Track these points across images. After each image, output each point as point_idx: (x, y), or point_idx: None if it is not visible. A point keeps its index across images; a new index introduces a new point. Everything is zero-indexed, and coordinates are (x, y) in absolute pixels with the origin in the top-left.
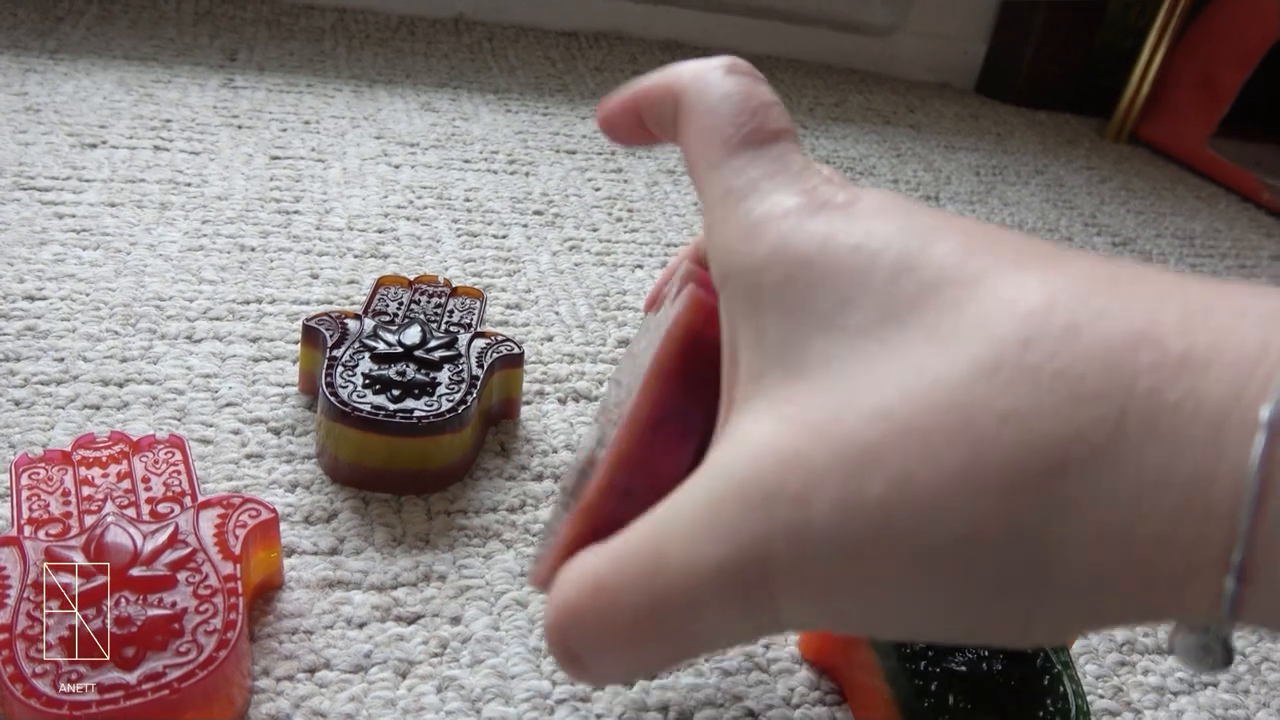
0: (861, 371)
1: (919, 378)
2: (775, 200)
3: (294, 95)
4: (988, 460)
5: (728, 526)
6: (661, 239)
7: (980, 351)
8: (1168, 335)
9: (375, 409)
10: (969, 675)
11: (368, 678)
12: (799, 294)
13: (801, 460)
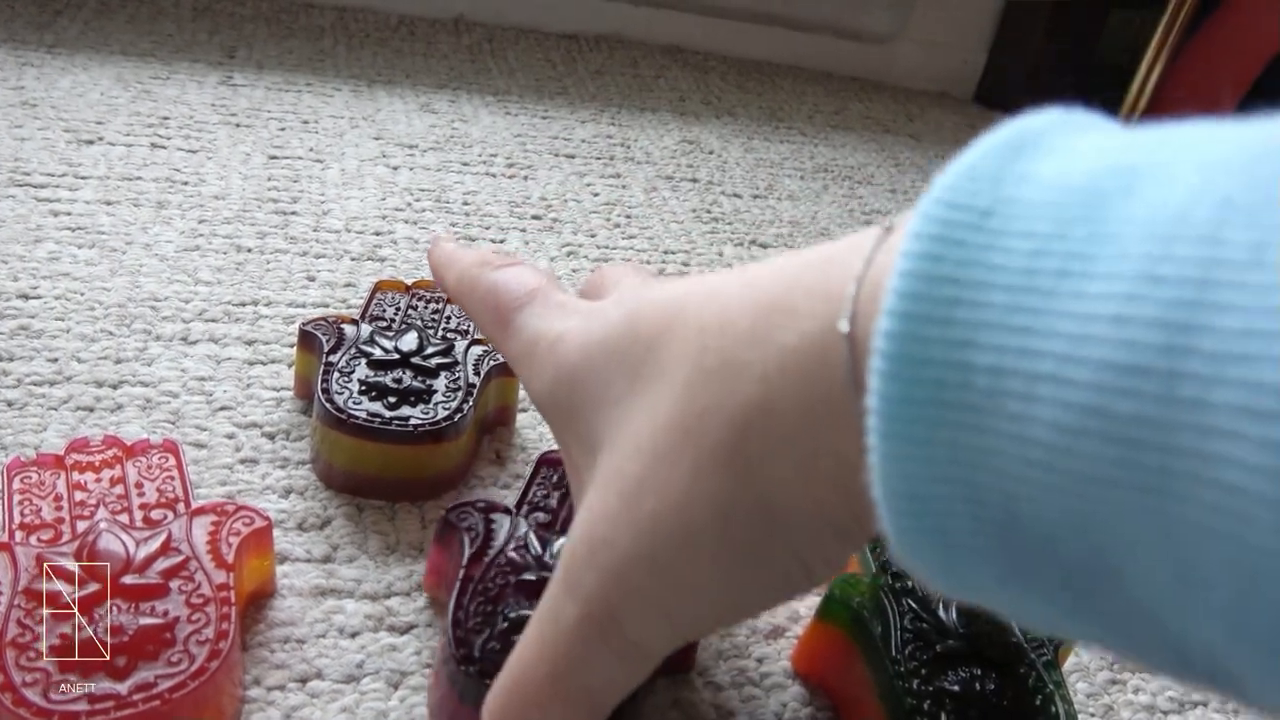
0: (625, 426)
1: (653, 412)
2: (541, 333)
3: (293, 94)
4: (703, 450)
5: (575, 586)
6: (659, 246)
7: (679, 375)
8: (785, 301)
9: (371, 416)
10: (961, 694)
11: (359, 688)
12: (578, 397)
13: (603, 512)
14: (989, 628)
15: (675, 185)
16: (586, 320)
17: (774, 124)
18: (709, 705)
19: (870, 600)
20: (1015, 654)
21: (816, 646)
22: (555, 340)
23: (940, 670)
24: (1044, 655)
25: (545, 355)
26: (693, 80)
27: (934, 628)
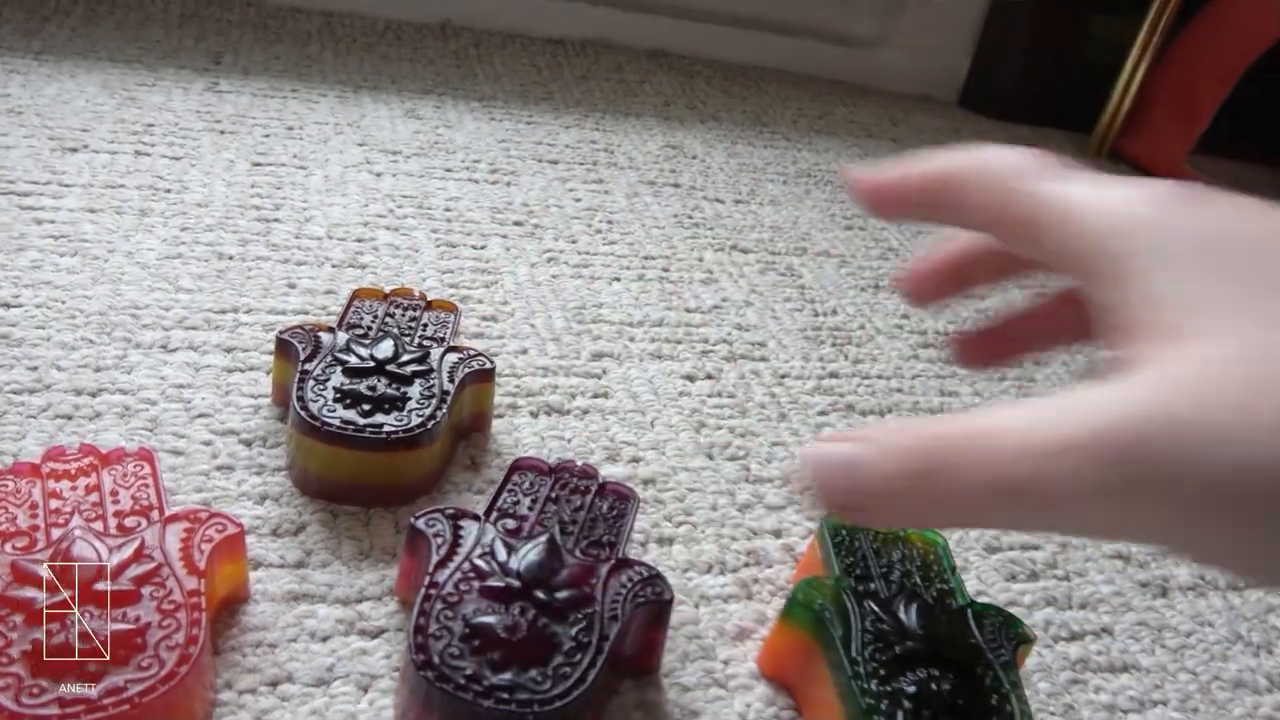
0: (1270, 325)
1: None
2: (1137, 189)
3: (278, 100)
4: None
5: (1126, 406)
6: (640, 251)
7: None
8: None
9: (345, 423)
10: (918, 694)
11: (329, 691)
12: (1192, 259)
13: (1212, 378)
14: (949, 630)
15: (658, 190)
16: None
17: (758, 128)
18: (674, 705)
19: (833, 602)
20: (974, 655)
21: (780, 648)
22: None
23: (899, 671)
24: (1002, 656)
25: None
26: (678, 85)
27: (894, 629)
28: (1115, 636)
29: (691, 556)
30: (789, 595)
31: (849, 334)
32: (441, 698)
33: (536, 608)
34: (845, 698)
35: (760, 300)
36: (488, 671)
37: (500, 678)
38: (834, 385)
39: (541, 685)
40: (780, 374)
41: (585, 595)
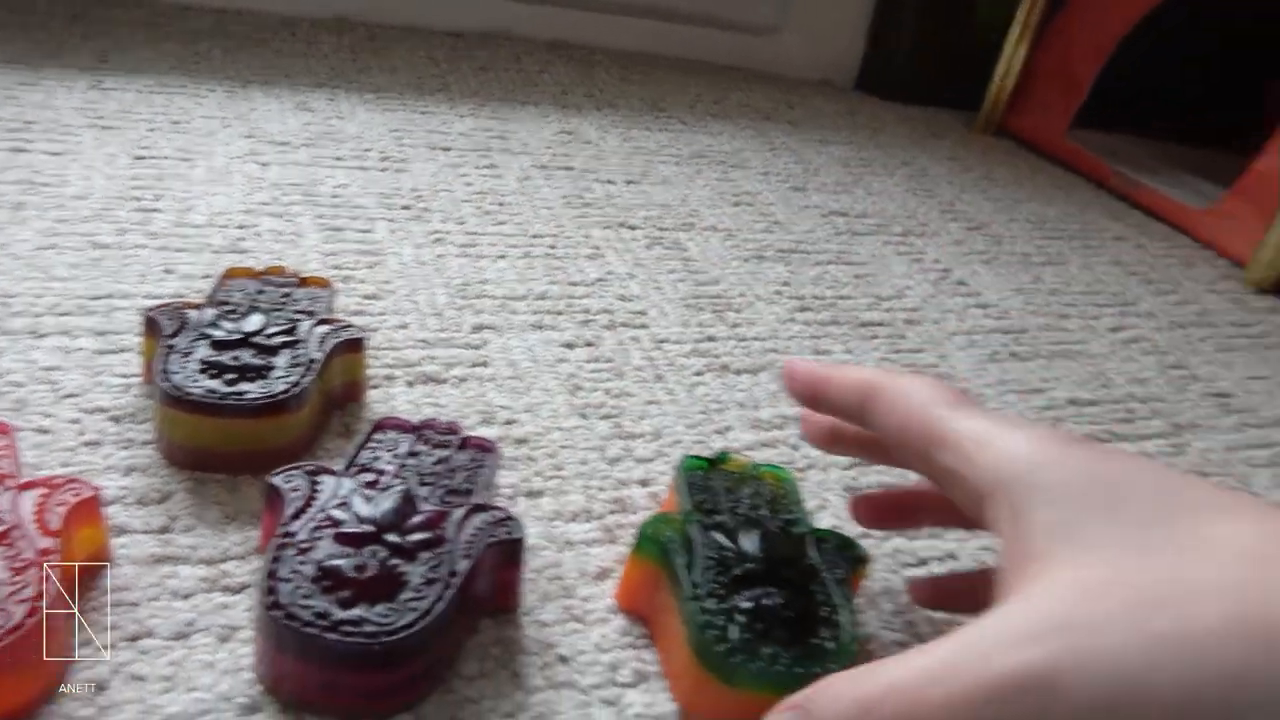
0: (1144, 549)
1: (1193, 558)
2: (1030, 432)
3: (164, 96)
4: (1252, 614)
5: (1026, 644)
6: (528, 231)
7: (1241, 548)
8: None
9: (208, 392)
10: (752, 609)
11: (189, 643)
12: (1082, 495)
13: (1097, 599)
14: (787, 553)
15: (549, 174)
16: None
17: (654, 114)
18: (532, 640)
19: (679, 535)
20: (809, 574)
21: (632, 580)
22: (1045, 440)
23: (736, 590)
24: (837, 574)
25: (1027, 449)
26: (576, 74)
27: (735, 554)
28: (959, 560)
29: (559, 506)
30: (638, 530)
31: (729, 301)
32: (291, 636)
33: (388, 550)
34: (686, 620)
35: (644, 273)
36: (336, 609)
37: (348, 613)
38: (711, 348)
39: (388, 619)
40: (659, 339)
41: (437, 537)
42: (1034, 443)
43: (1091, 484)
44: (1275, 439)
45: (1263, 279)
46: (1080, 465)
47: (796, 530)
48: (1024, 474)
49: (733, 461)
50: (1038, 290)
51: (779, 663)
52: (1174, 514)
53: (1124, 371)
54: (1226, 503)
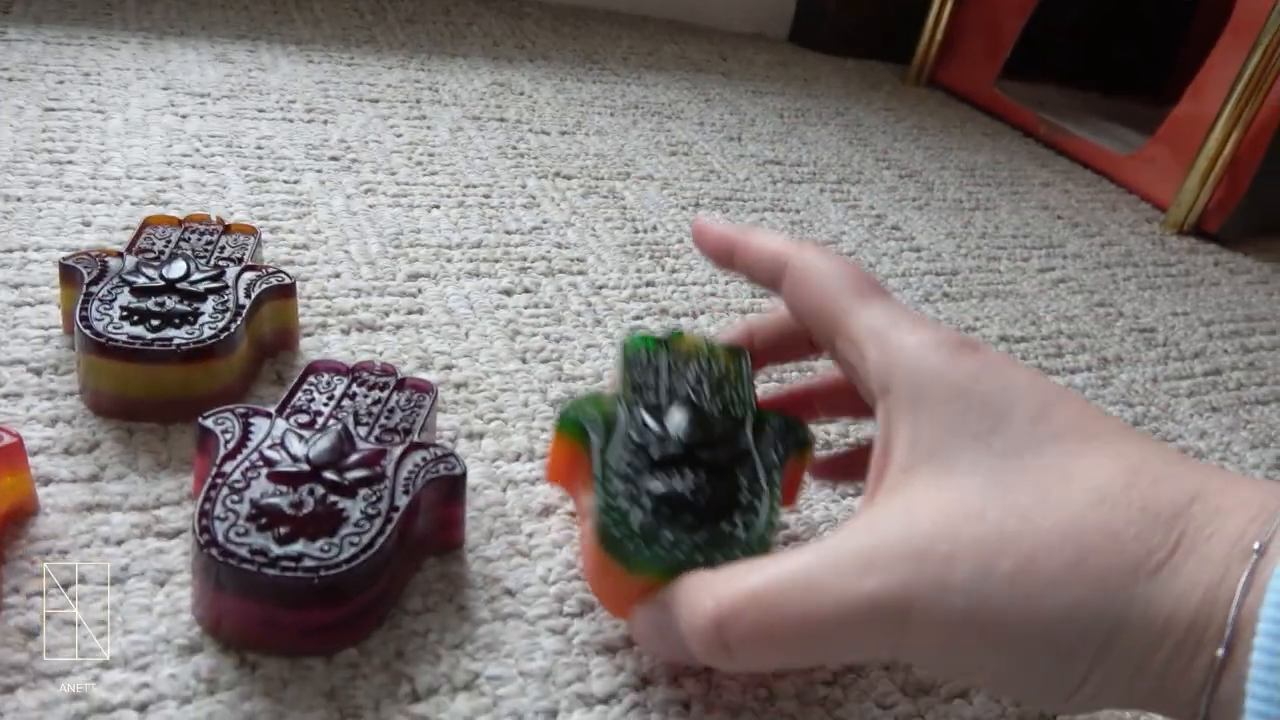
0: (1003, 482)
1: (1048, 496)
2: (923, 335)
3: (74, 48)
4: (1091, 560)
5: (883, 569)
6: (461, 181)
7: (1096, 485)
8: (1209, 495)
9: (132, 338)
10: (663, 494)
11: (124, 588)
12: (953, 413)
13: (952, 532)
14: (717, 435)
15: (482, 125)
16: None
17: (587, 66)
18: (476, 575)
19: (603, 414)
20: (736, 458)
21: (555, 458)
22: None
23: (650, 472)
24: (770, 458)
25: (925, 350)
26: (506, 26)
27: (657, 436)
28: None
29: (501, 448)
30: (560, 408)
31: (668, 247)
32: (228, 573)
33: (326, 487)
34: (591, 502)
35: (581, 221)
36: (273, 545)
37: (287, 549)
38: (649, 293)
39: (328, 553)
40: (598, 285)
41: (376, 474)
42: (924, 350)
43: (969, 404)
44: (1196, 370)
45: (1182, 221)
46: (962, 380)
47: (736, 411)
48: (907, 382)
49: (686, 340)
50: (969, 234)
51: (679, 549)
52: (1041, 443)
53: (1053, 310)
54: (1094, 429)
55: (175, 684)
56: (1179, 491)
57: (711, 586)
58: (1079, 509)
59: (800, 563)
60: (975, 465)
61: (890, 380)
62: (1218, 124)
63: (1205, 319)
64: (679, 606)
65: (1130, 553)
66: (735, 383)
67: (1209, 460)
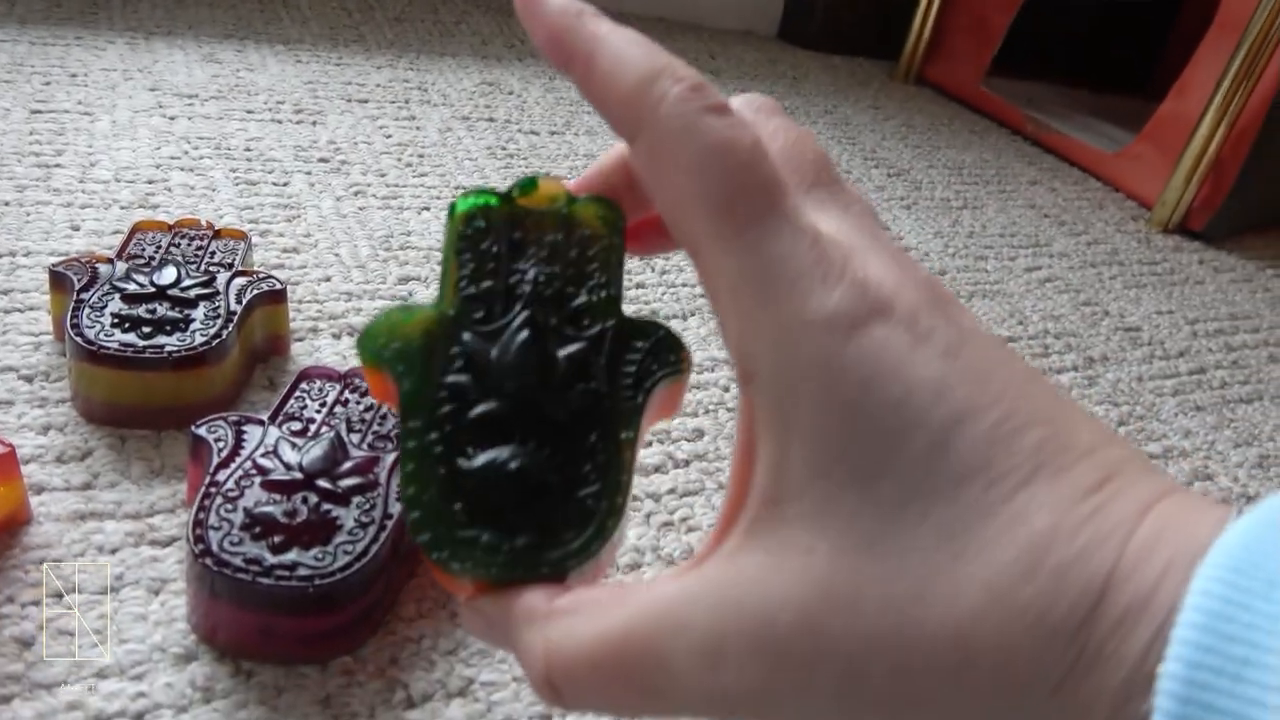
0: (884, 555)
1: (934, 585)
2: (815, 299)
3: (60, 48)
4: (977, 676)
5: (735, 665)
6: (451, 182)
7: (990, 578)
8: (1116, 589)
9: (124, 346)
10: (480, 476)
11: (119, 597)
12: (834, 437)
13: (816, 627)
14: (557, 373)
15: (471, 125)
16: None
17: None
18: None
19: (411, 344)
20: (583, 408)
21: (376, 393)
22: (835, 320)
23: (469, 442)
24: (628, 400)
25: (808, 329)
26: (495, 24)
27: (479, 381)
28: None
29: None
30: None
31: None
32: (223, 582)
33: (319, 495)
34: None
35: None
36: (268, 554)
37: (281, 558)
38: (640, 295)
39: (322, 562)
40: None
41: (369, 482)
42: (806, 331)
43: (854, 426)
44: (1180, 369)
45: (1167, 219)
46: (850, 388)
47: (591, 323)
48: (776, 379)
49: (540, 192)
50: (956, 233)
51: (498, 556)
52: (935, 492)
53: (1039, 309)
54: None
55: (171, 693)
56: (1085, 585)
57: (545, 628)
58: (967, 610)
59: (643, 625)
60: (853, 522)
61: (755, 367)
62: (1203, 122)
63: (1190, 317)
64: (508, 627)
65: (1022, 672)
66: (599, 267)
67: (1193, 459)
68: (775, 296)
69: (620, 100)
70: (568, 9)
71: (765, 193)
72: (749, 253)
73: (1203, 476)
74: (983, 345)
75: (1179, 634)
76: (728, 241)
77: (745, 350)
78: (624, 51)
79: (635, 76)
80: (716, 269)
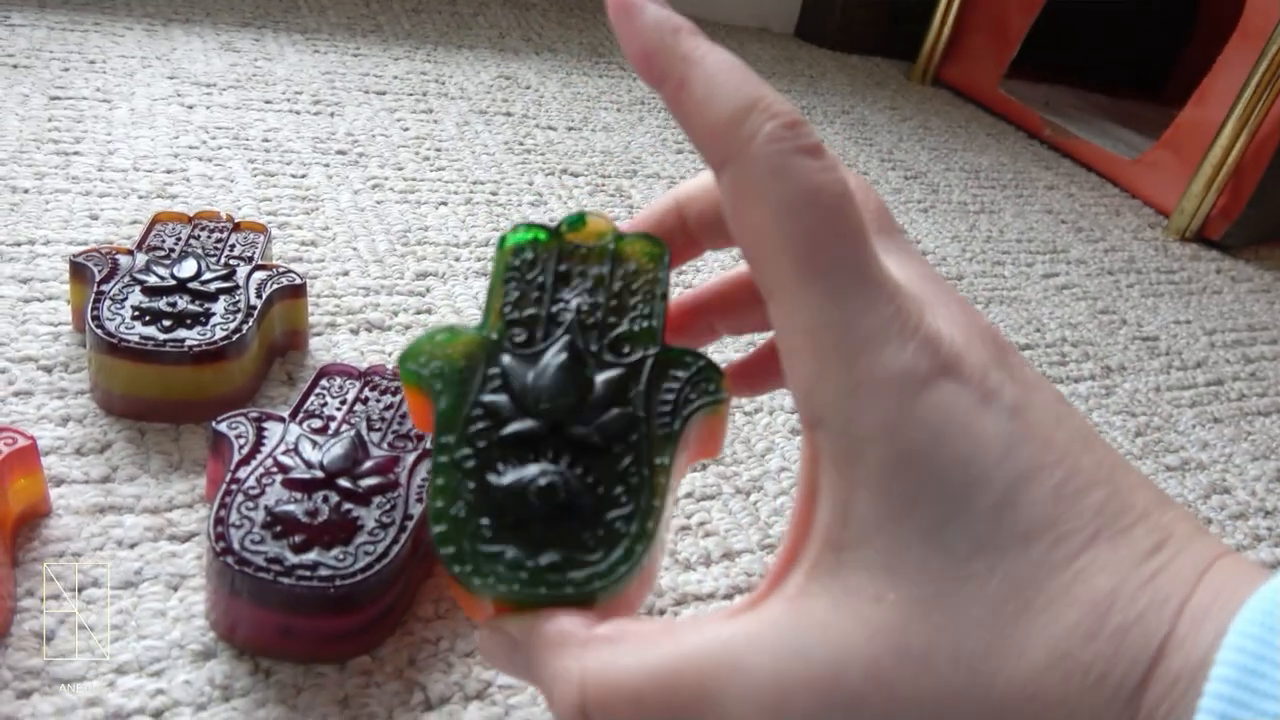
0: (953, 612)
1: (1003, 644)
2: (890, 354)
3: (78, 34)
4: None
5: (798, 713)
6: (469, 177)
7: (1056, 638)
8: (1172, 653)
9: (144, 339)
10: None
11: (138, 592)
12: (902, 489)
13: (888, 681)
14: (595, 397)
15: (489, 119)
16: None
17: (594, 59)
18: None
19: (452, 364)
20: (617, 431)
21: (414, 411)
22: (910, 375)
23: (500, 459)
24: (664, 427)
25: (882, 384)
26: (513, 17)
27: (515, 401)
28: None
29: None
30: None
31: None
32: (244, 581)
33: (340, 495)
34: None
35: None
36: (289, 553)
37: (302, 558)
38: None
39: (343, 562)
40: None
41: (390, 482)
42: (879, 383)
43: (922, 480)
44: (1198, 380)
45: (1185, 227)
46: (920, 443)
47: (632, 351)
48: (845, 430)
49: (589, 228)
50: (974, 238)
51: (521, 573)
52: (1002, 549)
53: (1057, 316)
54: (1067, 525)
55: (190, 690)
56: (1143, 649)
57: (582, 655)
58: (1034, 671)
59: (696, 662)
60: (922, 573)
61: (824, 415)
62: (1223, 130)
63: (1207, 328)
64: (533, 651)
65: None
66: (642, 299)
67: (1210, 472)
68: (852, 349)
69: (712, 130)
70: (664, 24)
71: (851, 241)
72: (830, 301)
73: (1220, 490)
74: (1045, 401)
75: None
76: (809, 286)
77: (816, 397)
78: (719, 78)
79: (730, 107)
80: (793, 313)
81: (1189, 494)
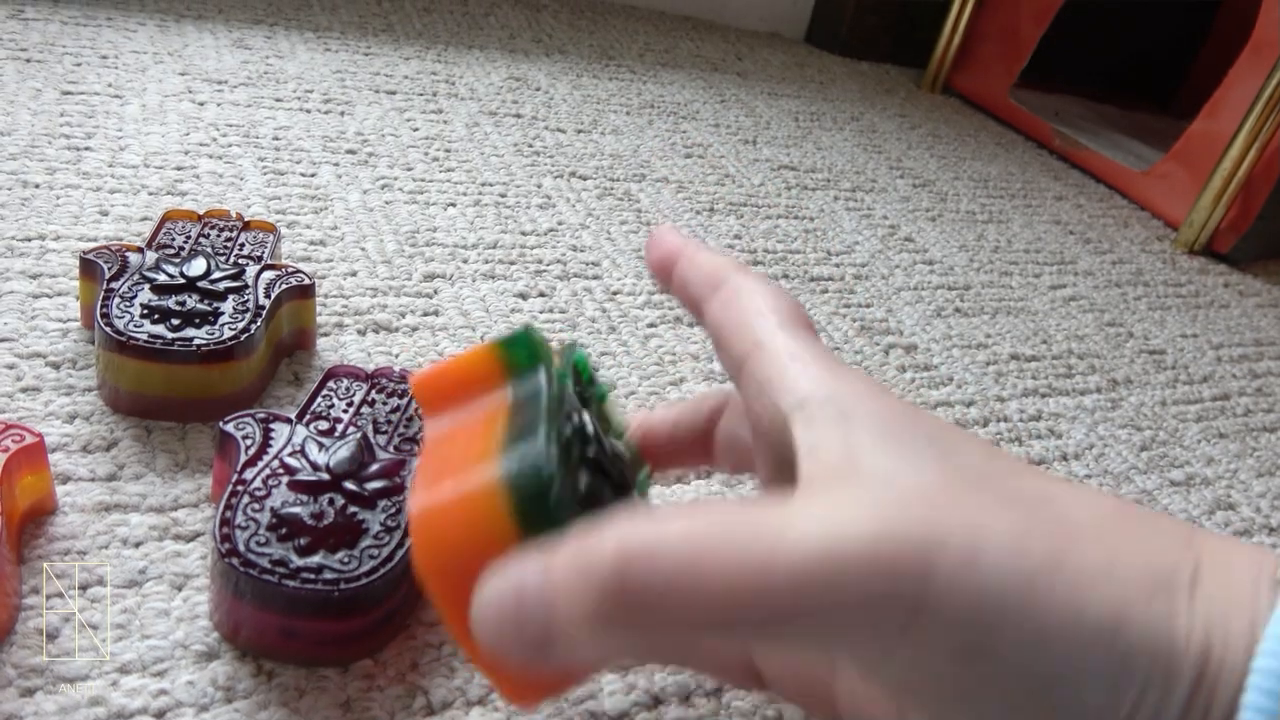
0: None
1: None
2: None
3: (91, 29)
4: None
5: (894, 506)
6: (478, 178)
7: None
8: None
9: (153, 338)
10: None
11: (142, 591)
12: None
13: (967, 491)
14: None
15: (499, 120)
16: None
17: (604, 61)
18: None
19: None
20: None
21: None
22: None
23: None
24: None
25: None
26: (523, 18)
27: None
28: None
29: None
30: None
31: None
32: (248, 583)
33: (346, 498)
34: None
35: (596, 223)
36: (294, 556)
37: (307, 561)
38: (664, 300)
39: (348, 565)
40: (612, 290)
41: (396, 485)
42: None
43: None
44: (1204, 395)
45: (1194, 240)
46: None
47: None
48: (830, 399)
49: (606, 405)
50: (981, 247)
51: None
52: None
53: (1063, 328)
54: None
55: (193, 691)
56: (1177, 524)
57: (616, 527)
58: (1100, 510)
59: (747, 507)
60: (946, 461)
61: (811, 394)
62: (1233, 144)
63: (1214, 342)
64: (558, 555)
65: (1161, 563)
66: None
67: (1215, 487)
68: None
69: (709, 272)
70: (678, 240)
71: (809, 319)
72: (810, 340)
73: (1225, 506)
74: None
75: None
76: (793, 331)
77: (801, 387)
78: (712, 251)
79: (723, 259)
80: (781, 348)
81: (1194, 509)
